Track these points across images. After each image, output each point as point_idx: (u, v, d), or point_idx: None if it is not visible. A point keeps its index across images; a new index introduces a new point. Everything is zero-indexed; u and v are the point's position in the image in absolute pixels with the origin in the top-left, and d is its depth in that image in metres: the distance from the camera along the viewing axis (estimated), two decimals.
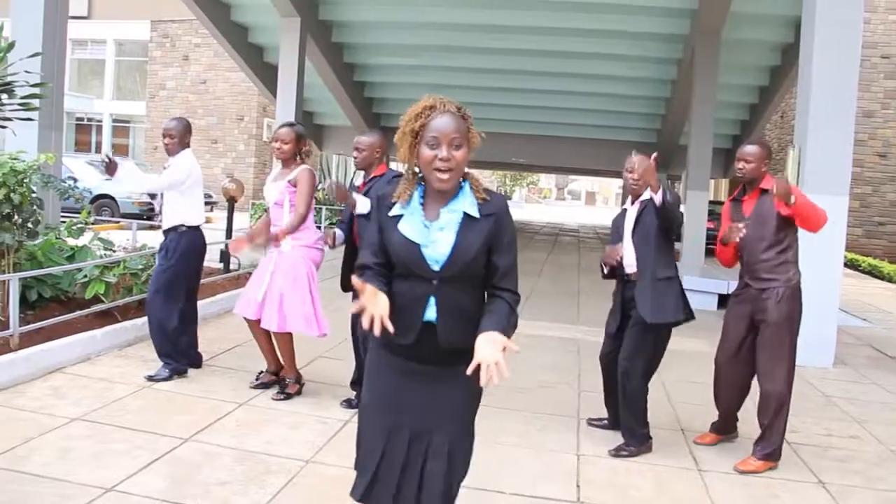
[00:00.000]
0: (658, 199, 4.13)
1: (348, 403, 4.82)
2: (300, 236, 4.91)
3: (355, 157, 4.76)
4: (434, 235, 2.31)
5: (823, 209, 4.20)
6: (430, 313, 2.32)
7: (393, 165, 5.82)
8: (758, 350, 4.27)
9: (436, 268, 2.30)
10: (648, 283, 4.29)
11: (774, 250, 4.23)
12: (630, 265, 4.39)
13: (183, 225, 5.23)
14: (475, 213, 2.33)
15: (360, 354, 4.77)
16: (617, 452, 4.28)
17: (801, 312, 4.29)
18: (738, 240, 4.19)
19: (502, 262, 2.36)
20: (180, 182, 5.19)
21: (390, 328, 2.17)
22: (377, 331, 2.14)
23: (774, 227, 4.21)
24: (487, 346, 2.16)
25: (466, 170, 2.37)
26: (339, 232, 4.82)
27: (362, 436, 2.46)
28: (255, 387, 5.06)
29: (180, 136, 5.31)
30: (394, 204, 2.38)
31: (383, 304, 2.19)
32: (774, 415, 4.19)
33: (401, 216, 2.35)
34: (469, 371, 2.15)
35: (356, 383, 4.83)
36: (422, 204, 2.37)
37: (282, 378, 5.06)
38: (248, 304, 4.95)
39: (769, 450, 4.20)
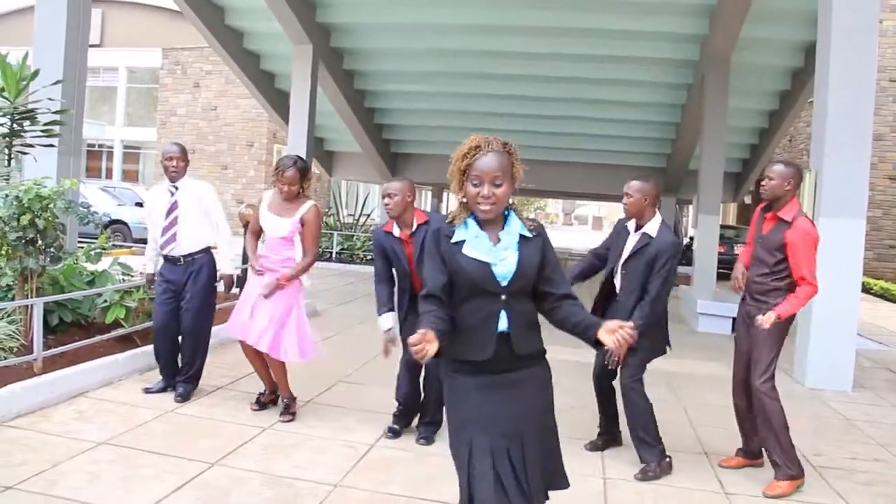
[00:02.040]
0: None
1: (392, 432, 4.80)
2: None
3: (387, 204, 4.55)
4: (501, 255, 2.56)
5: (804, 291, 4.22)
6: (503, 325, 2.56)
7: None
8: (750, 361, 4.37)
9: (504, 283, 2.55)
10: (626, 314, 4.32)
11: (769, 277, 4.28)
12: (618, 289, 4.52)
13: (209, 246, 5.32)
14: (528, 233, 2.60)
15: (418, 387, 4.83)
16: (644, 476, 4.28)
17: (786, 335, 4.34)
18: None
19: (556, 274, 2.67)
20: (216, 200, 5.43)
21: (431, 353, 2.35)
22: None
23: (775, 260, 4.25)
24: (608, 333, 2.51)
25: (512, 202, 2.63)
26: (394, 327, 4.56)
27: (467, 458, 2.55)
28: (257, 410, 5.08)
29: (183, 157, 5.35)
30: (453, 231, 2.60)
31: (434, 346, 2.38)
32: (767, 430, 4.23)
33: (463, 241, 2.58)
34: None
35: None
36: (482, 230, 2.60)
37: (283, 400, 5.08)
38: (239, 326, 4.99)
39: (791, 470, 4.19)
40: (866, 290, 16.44)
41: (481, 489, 2.48)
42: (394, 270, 4.66)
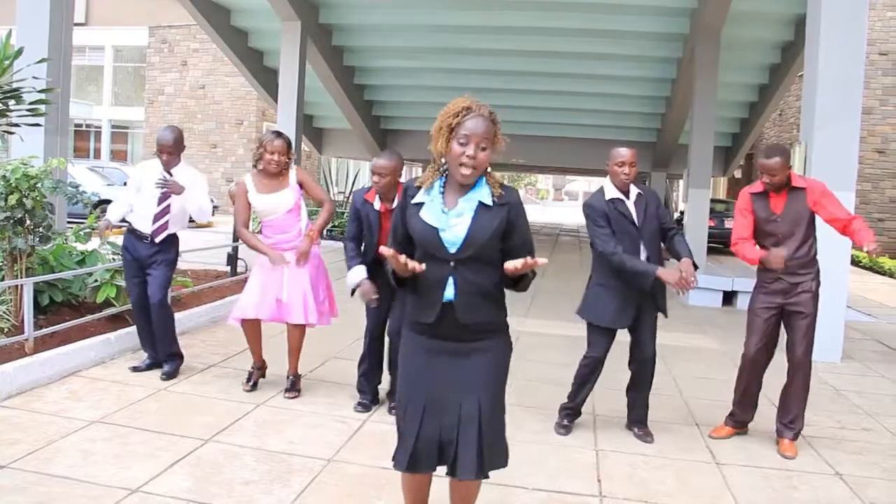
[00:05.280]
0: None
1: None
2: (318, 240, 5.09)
3: (376, 182, 4.52)
4: (451, 221, 2.56)
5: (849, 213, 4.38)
6: (449, 292, 2.56)
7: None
8: (794, 338, 4.42)
9: (452, 250, 2.55)
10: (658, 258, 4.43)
11: (806, 246, 4.35)
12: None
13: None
14: (489, 202, 2.57)
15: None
16: (647, 435, 4.50)
17: None
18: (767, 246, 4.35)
19: (516, 240, 2.60)
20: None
21: (419, 267, 2.46)
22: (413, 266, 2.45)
23: (804, 231, 4.32)
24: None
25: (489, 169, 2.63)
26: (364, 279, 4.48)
27: (402, 413, 2.67)
28: (250, 391, 5.02)
29: (178, 148, 5.24)
30: (417, 191, 2.63)
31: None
32: (801, 401, 4.43)
33: (422, 204, 2.61)
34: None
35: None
36: (442, 193, 2.62)
37: (290, 377, 5.07)
38: (262, 304, 4.91)
39: (800, 427, 4.43)
40: (855, 262, 16.54)
41: (404, 444, 2.61)
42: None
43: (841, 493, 3.86)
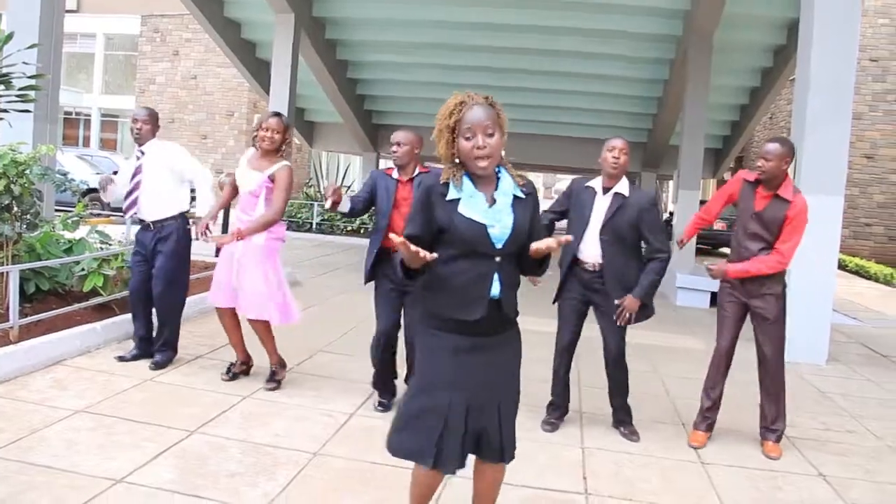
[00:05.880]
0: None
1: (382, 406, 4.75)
2: (281, 232, 5.00)
3: (395, 152, 4.58)
4: (497, 216, 2.53)
5: (780, 257, 4.30)
6: (496, 289, 2.55)
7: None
8: (759, 336, 4.43)
9: (499, 246, 2.53)
10: (614, 282, 4.35)
11: (767, 252, 4.32)
12: (593, 257, 4.40)
13: (181, 212, 5.25)
14: (521, 194, 2.60)
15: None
16: (633, 434, 4.51)
17: None
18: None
19: (536, 225, 2.65)
20: (190, 160, 5.33)
21: (430, 256, 2.40)
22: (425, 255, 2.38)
23: (774, 236, 4.31)
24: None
25: (502, 156, 2.60)
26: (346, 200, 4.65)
27: (419, 412, 2.59)
28: (228, 380, 5.00)
29: (152, 121, 5.23)
30: (447, 189, 2.55)
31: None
32: (777, 401, 4.45)
33: (458, 199, 2.53)
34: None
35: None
36: (476, 189, 2.56)
37: (272, 367, 5.05)
38: (219, 291, 4.93)
39: (783, 428, 4.45)
40: (842, 266, 16.64)
41: (431, 442, 2.55)
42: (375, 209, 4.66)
43: (824, 494, 3.88)
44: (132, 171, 5.20)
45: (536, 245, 2.48)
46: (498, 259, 2.53)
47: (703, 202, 17.15)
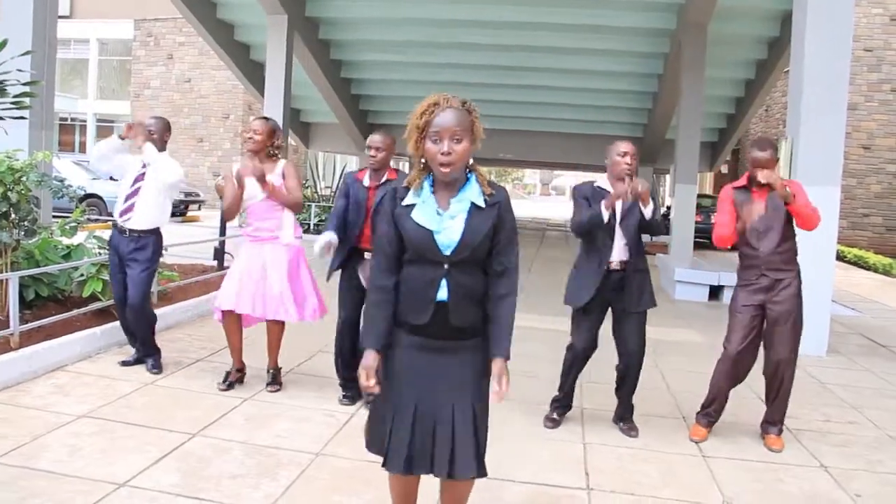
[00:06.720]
0: (648, 213, 4.29)
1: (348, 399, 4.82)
2: (299, 231, 5.04)
3: (372, 156, 4.67)
4: (445, 223, 2.50)
5: (818, 210, 4.32)
6: (442, 294, 2.52)
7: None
8: (776, 336, 4.38)
9: (447, 252, 2.50)
10: (632, 275, 4.39)
11: (788, 242, 4.36)
12: (618, 257, 4.38)
13: (159, 227, 5.26)
14: (481, 202, 2.53)
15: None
16: (632, 429, 4.51)
17: None
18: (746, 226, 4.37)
19: (502, 239, 2.57)
20: (180, 182, 5.22)
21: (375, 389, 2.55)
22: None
23: (784, 222, 4.32)
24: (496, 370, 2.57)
25: (473, 163, 2.57)
26: (333, 238, 4.67)
27: (389, 414, 2.58)
28: (224, 389, 4.91)
29: (160, 134, 5.21)
30: (406, 193, 2.57)
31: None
32: (785, 398, 4.46)
33: (413, 205, 2.54)
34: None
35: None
36: (433, 193, 2.55)
37: (270, 371, 5.07)
38: (236, 296, 4.84)
39: (783, 420, 4.48)
40: (840, 257, 16.67)
41: (397, 445, 2.54)
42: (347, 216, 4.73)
43: (826, 486, 3.89)
44: (134, 176, 5.15)
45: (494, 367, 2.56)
46: (446, 266, 2.50)
47: (700, 196, 17.23)
